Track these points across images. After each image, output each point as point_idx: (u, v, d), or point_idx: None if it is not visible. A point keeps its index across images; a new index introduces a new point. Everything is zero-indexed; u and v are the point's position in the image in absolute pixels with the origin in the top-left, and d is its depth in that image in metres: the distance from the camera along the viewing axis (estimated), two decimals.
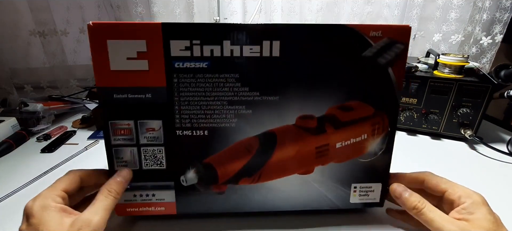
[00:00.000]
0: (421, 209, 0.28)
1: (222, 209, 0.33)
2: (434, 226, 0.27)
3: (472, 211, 0.26)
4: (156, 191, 0.32)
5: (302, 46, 0.29)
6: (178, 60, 0.29)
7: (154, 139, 0.31)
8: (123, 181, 0.29)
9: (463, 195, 0.27)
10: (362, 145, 0.32)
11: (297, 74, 0.30)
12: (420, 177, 0.31)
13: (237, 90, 0.30)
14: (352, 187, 0.34)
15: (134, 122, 0.30)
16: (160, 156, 0.31)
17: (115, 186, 0.28)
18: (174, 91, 0.30)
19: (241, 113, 0.31)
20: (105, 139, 0.30)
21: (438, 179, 0.30)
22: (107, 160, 0.31)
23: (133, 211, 0.33)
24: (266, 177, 0.32)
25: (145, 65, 0.29)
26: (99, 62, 0.28)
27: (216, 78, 0.30)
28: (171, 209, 0.33)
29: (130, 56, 0.28)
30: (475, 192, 0.28)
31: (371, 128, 0.32)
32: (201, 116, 0.30)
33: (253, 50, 0.29)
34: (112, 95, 0.29)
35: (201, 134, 0.31)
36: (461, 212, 0.27)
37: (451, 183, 0.29)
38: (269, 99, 0.30)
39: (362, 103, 0.31)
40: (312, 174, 0.33)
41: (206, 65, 0.29)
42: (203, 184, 0.32)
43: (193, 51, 0.29)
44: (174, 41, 0.28)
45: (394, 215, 0.34)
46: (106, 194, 0.27)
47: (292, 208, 0.34)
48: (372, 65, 0.30)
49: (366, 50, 0.29)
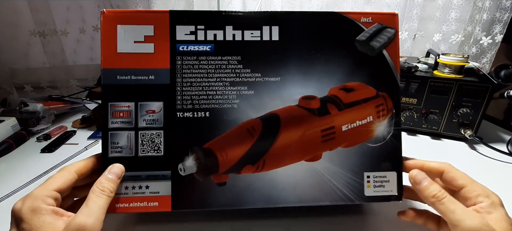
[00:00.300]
0: (442, 198, 0.26)
1: (223, 204, 0.31)
2: (454, 217, 0.25)
3: (490, 211, 0.25)
4: (151, 182, 0.30)
5: (300, 31, 0.32)
6: (183, 44, 0.31)
7: (154, 121, 0.30)
8: (115, 178, 0.28)
9: (482, 194, 0.27)
10: (369, 127, 0.32)
11: (297, 56, 0.32)
12: (440, 168, 0.30)
13: (239, 71, 0.31)
14: (365, 177, 0.31)
15: (135, 104, 0.30)
16: (158, 141, 0.30)
17: (107, 183, 0.27)
18: (177, 73, 0.31)
19: (243, 94, 0.31)
20: (102, 122, 0.30)
21: (458, 173, 0.29)
22: (102, 145, 0.30)
23: (122, 207, 0.30)
24: (271, 164, 0.31)
25: (151, 48, 0.30)
26: (107, 45, 0.30)
27: (219, 61, 0.31)
28: (166, 204, 0.30)
29: (138, 40, 0.30)
30: (493, 193, 0.27)
31: (376, 109, 0.32)
32: (202, 97, 0.31)
33: (254, 35, 0.32)
34: (115, 76, 0.30)
35: (203, 115, 0.30)
36: (479, 210, 0.26)
37: (470, 180, 0.28)
38: (270, 80, 0.31)
39: (364, 84, 0.32)
40: (320, 161, 0.31)
41: (210, 48, 0.31)
42: (202, 172, 0.30)
43: (197, 36, 0.31)
44: (180, 26, 0.31)
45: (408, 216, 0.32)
46: (98, 193, 0.25)
47: (301, 203, 0.31)
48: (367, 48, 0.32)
49: (359, 34, 0.32)
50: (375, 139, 0.32)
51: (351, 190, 0.31)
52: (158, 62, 0.30)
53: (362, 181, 0.31)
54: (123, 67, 0.30)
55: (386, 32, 0.32)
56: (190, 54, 0.31)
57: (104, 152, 0.30)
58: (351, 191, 0.31)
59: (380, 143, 0.32)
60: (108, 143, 0.30)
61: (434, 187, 0.27)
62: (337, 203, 0.31)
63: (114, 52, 0.30)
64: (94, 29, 0.83)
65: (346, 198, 0.31)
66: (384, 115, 0.32)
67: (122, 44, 0.30)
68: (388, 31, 0.32)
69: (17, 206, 0.23)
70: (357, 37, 0.32)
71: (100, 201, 0.25)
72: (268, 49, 0.31)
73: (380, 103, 0.32)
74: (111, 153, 0.30)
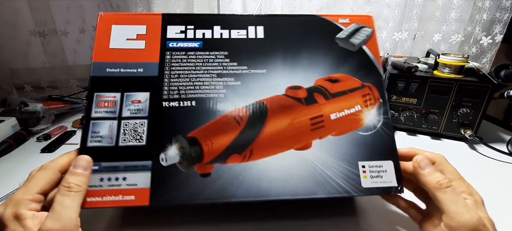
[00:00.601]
0: (446, 186, 0.26)
1: (206, 198, 0.28)
2: (454, 209, 0.25)
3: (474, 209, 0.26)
4: (129, 174, 0.28)
5: (283, 30, 0.35)
6: (173, 41, 0.33)
7: (138, 111, 0.30)
8: (81, 170, 0.26)
9: (466, 191, 0.27)
10: (357, 116, 0.32)
11: (282, 51, 0.34)
12: (433, 158, 0.30)
13: (226, 64, 0.33)
14: (360, 167, 0.30)
15: (121, 94, 0.30)
16: (141, 130, 0.29)
17: (72, 179, 0.25)
18: (165, 66, 0.32)
19: (230, 85, 0.32)
20: (86, 112, 0.30)
21: (448, 167, 0.29)
22: (81, 135, 0.29)
23: (94, 202, 0.27)
24: (259, 153, 0.29)
25: (142, 44, 0.32)
26: (99, 42, 0.32)
27: (206, 55, 0.33)
28: (143, 198, 0.27)
29: (130, 37, 0.32)
30: (477, 192, 0.27)
31: (363, 98, 0.33)
32: (189, 87, 0.31)
33: (240, 33, 0.34)
34: (105, 69, 0.31)
35: (189, 104, 0.30)
36: None
37: (458, 175, 0.28)
38: (257, 72, 0.32)
39: (349, 76, 0.33)
40: (311, 150, 0.30)
41: (198, 45, 0.33)
42: (186, 162, 0.28)
43: (187, 34, 0.33)
44: (171, 26, 0.33)
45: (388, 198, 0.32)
46: (64, 191, 0.24)
47: (294, 196, 0.28)
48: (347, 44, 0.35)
49: (339, 33, 0.35)
50: (365, 127, 0.32)
51: (347, 181, 0.29)
52: (148, 57, 0.32)
53: (357, 171, 0.30)
54: (113, 61, 0.31)
55: (364, 31, 0.35)
56: (179, 50, 0.33)
57: (83, 141, 0.29)
58: (347, 183, 0.29)
59: (371, 131, 0.32)
60: (89, 132, 0.29)
61: (438, 174, 0.27)
62: (333, 195, 0.29)
63: (106, 48, 0.31)
64: (94, 29, 0.83)
65: (343, 190, 0.29)
66: (371, 104, 0.33)
67: (114, 41, 0.32)
68: (365, 30, 0.35)
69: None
70: (337, 35, 0.35)
71: (67, 200, 0.23)
72: (254, 45, 0.33)
73: (366, 93, 0.33)
74: (90, 142, 0.28)
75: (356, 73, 0.34)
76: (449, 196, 0.25)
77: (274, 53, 0.33)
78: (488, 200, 0.27)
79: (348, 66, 0.34)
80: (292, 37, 0.34)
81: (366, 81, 0.34)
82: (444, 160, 0.30)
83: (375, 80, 0.34)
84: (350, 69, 0.34)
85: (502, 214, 0.33)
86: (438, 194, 0.26)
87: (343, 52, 0.34)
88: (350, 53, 0.34)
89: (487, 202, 0.27)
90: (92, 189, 0.27)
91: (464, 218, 0.24)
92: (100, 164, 0.28)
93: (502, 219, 0.27)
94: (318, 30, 0.35)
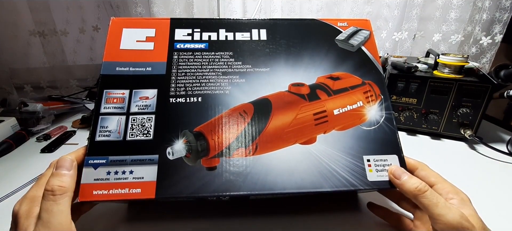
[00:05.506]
0: (425, 191, 0.26)
1: (212, 191, 0.28)
2: (437, 211, 0.25)
3: (461, 208, 0.26)
4: (136, 167, 0.28)
5: (285, 32, 0.37)
6: (180, 42, 0.35)
7: (146, 106, 0.31)
8: (63, 171, 0.25)
9: (451, 191, 0.27)
10: (360, 111, 0.33)
11: (284, 51, 0.36)
12: (415, 165, 0.31)
13: (231, 64, 0.34)
14: (365, 160, 0.30)
15: (130, 91, 0.32)
16: (149, 125, 0.30)
17: (55, 181, 0.24)
18: (173, 65, 0.34)
19: (235, 82, 0.33)
20: (95, 108, 0.31)
21: (430, 172, 0.30)
22: (90, 130, 0.29)
23: (100, 195, 0.27)
24: (264, 148, 0.30)
25: (151, 46, 0.34)
26: (111, 43, 0.34)
27: (212, 55, 0.35)
28: (149, 191, 0.27)
29: (140, 39, 0.34)
30: (462, 191, 0.28)
31: (364, 95, 0.34)
32: (196, 85, 0.33)
33: (244, 36, 0.36)
34: (115, 68, 0.33)
35: (195, 100, 0.32)
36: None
37: (441, 178, 0.29)
38: (261, 71, 0.34)
39: (349, 74, 0.35)
40: (316, 144, 0.31)
41: (204, 46, 0.35)
42: (192, 156, 0.29)
43: (193, 37, 0.36)
44: (179, 29, 0.36)
45: (375, 211, 0.34)
46: (49, 197, 0.23)
47: (300, 189, 0.28)
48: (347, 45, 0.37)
49: (338, 35, 0.37)
50: (368, 123, 0.33)
51: (353, 175, 0.29)
52: (156, 57, 0.34)
53: (363, 164, 0.30)
54: (123, 60, 0.33)
55: (362, 33, 0.38)
56: (186, 50, 0.34)
57: (91, 136, 0.29)
58: (353, 176, 0.29)
59: (375, 126, 0.33)
60: (97, 127, 0.30)
61: (415, 180, 0.27)
62: (339, 188, 0.28)
63: (117, 48, 0.33)
64: (94, 29, 0.83)
65: (349, 184, 0.29)
66: (373, 100, 0.34)
67: (125, 42, 0.34)
68: (363, 32, 0.38)
69: (15, 208, 0.23)
70: (337, 37, 0.37)
71: (53, 206, 0.22)
72: (258, 46, 0.36)
73: (367, 90, 0.34)
74: (98, 136, 0.29)
75: (356, 72, 0.35)
76: (429, 200, 0.26)
77: (276, 53, 0.35)
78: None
79: (348, 65, 0.36)
80: (293, 39, 0.36)
81: (367, 79, 0.35)
82: (425, 166, 0.30)
83: (375, 77, 0.35)
84: (350, 68, 0.35)
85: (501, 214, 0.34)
86: (420, 200, 0.26)
87: (343, 52, 0.36)
88: (350, 53, 0.36)
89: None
90: (99, 182, 0.27)
91: (447, 219, 0.24)
92: (107, 157, 0.28)
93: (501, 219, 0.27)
94: (318, 33, 0.37)
